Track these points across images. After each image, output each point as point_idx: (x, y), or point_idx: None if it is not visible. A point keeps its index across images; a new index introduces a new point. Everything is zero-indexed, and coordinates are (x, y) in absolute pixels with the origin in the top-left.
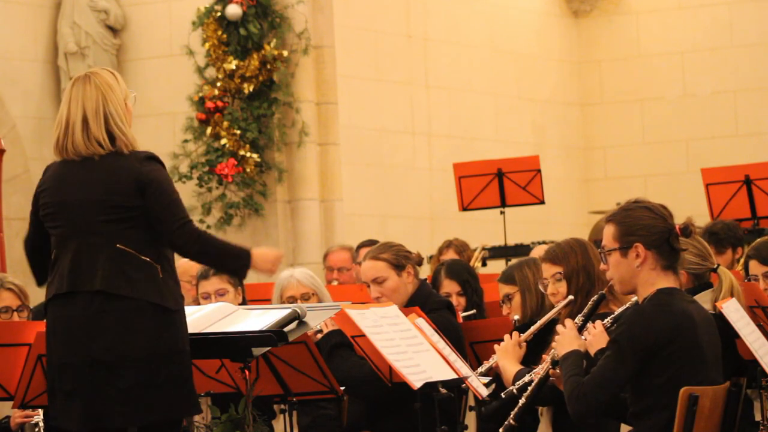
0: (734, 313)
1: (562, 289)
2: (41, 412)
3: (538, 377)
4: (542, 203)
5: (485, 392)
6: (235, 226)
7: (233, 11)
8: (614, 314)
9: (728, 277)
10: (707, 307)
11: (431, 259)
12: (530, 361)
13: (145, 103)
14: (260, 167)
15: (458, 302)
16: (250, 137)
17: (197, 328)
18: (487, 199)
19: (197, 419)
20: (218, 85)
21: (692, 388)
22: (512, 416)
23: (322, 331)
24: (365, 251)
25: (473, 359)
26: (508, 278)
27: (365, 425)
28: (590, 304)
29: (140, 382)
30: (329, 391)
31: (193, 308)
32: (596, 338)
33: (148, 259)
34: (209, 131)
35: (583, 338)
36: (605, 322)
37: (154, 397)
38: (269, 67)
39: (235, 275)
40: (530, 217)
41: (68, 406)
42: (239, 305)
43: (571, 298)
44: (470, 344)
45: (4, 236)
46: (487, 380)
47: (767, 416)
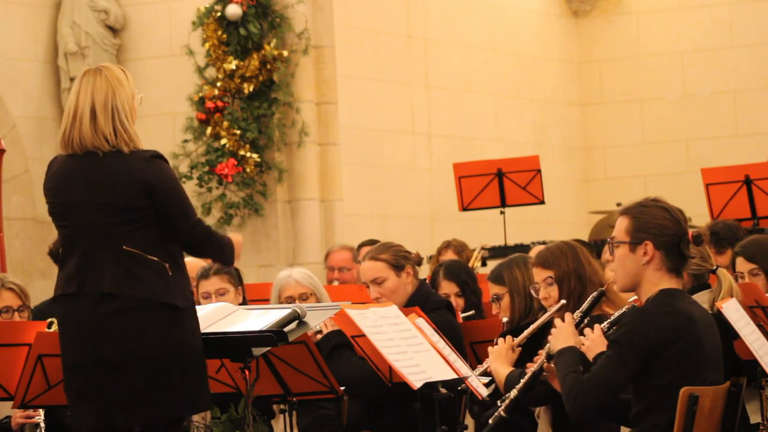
0: (734, 313)
1: (553, 293)
2: (42, 412)
3: (531, 370)
4: (542, 203)
5: (485, 392)
6: (235, 226)
7: (233, 11)
8: (611, 318)
9: (728, 278)
10: (704, 307)
11: (431, 259)
12: (523, 365)
13: (145, 103)
14: (260, 167)
15: (457, 303)
16: (250, 137)
17: None
18: (487, 199)
19: (197, 419)
20: (218, 85)
21: (692, 388)
22: (503, 408)
23: (321, 331)
24: (365, 251)
25: (473, 359)
26: (497, 278)
27: (365, 425)
28: (589, 300)
29: (150, 380)
30: (329, 391)
31: None
32: (594, 343)
33: (155, 258)
34: (209, 131)
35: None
36: (603, 326)
37: (164, 395)
38: (269, 67)
39: (230, 264)
40: (530, 217)
41: (79, 406)
42: (239, 305)
43: (563, 302)
44: (470, 344)
45: (4, 236)
46: (487, 380)
47: (767, 416)
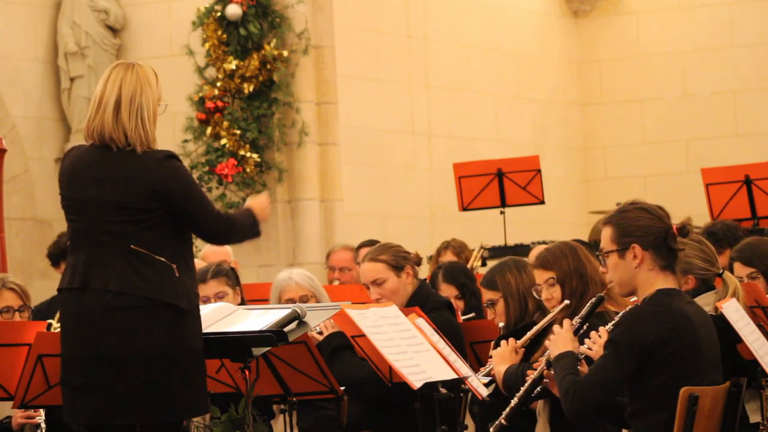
0: (734, 313)
1: (556, 293)
2: (43, 412)
3: (531, 377)
4: (542, 203)
5: (485, 392)
6: None
7: (233, 11)
8: (615, 320)
9: (733, 282)
10: (708, 309)
11: (430, 259)
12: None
13: None
14: (260, 167)
15: (457, 306)
16: (250, 137)
17: None
18: (487, 199)
19: (197, 419)
20: (218, 85)
21: (692, 388)
22: (504, 416)
23: (322, 333)
24: (365, 251)
25: (473, 359)
26: (489, 283)
27: (365, 425)
28: (588, 306)
29: (149, 380)
30: (329, 391)
31: None
32: (601, 347)
33: (163, 258)
34: (209, 131)
35: (585, 347)
36: (607, 328)
37: (162, 396)
38: (269, 67)
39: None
40: (530, 217)
41: (75, 400)
42: (238, 305)
43: (567, 302)
44: (470, 344)
45: (4, 236)
46: (487, 380)
47: (767, 416)
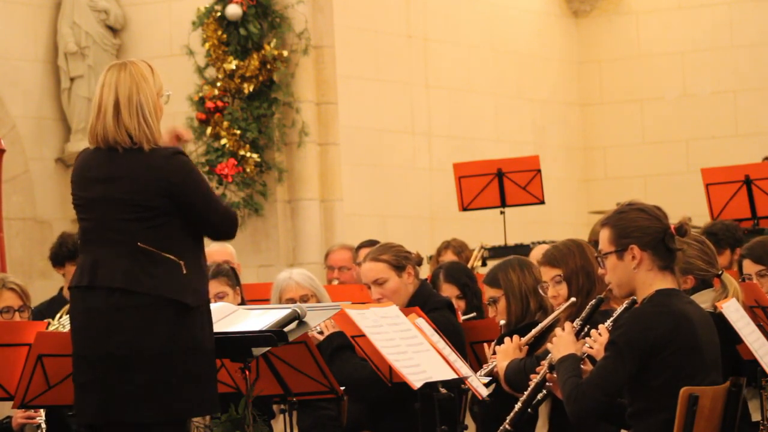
0: (734, 313)
1: (562, 291)
2: (43, 412)
3: (534, 381)
4: (542, 203)
5: (485, 392)
6: None
7: (233, 11)
8: (614, 317)
9: (733, 283)
10: (705, 307)
11: (430, 259)
12: None
13: None
14: (260, 167)
15: (458, 305)
16: (250, 137)
17: None
18: (487, 199)
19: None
20: (218, 85)
21: (692, 388)
22: (508, 421)
23: (322, 332)
24: (365, 252)
25: (473, 359)
26: (492, 281)
27: (365, 425)
28: (588, 308)
29: (155, 378)
30: (329, 391)
31: None
32: (602, 346)
33: (170, 256)
34: (209, 131)
35: (587, 346)
36: (606, 325)
37: (168, 394)
38: (269, 67)
39: None
40: (530, 217)
41: (82, 398)
42: (238, 305)
43: (573, 300)
44: (470, 344)
45: (4, 236)
46: (487, 380)
47: (767, 416)
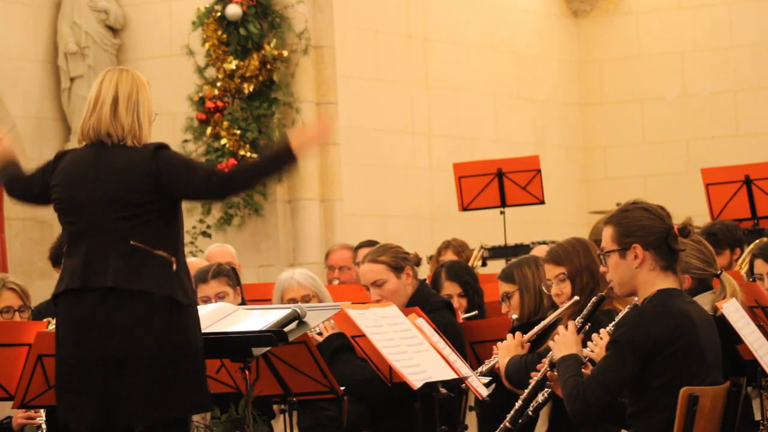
0: (734, 313)
1: (566, 289)
2: (43, 413)
3: (534, 380)
4: (542, 203)
5: (485, 392)
6: (235, 226)
7: (233, 11)
8: (615, 320)
9: (732, 284)
10: (706, 309)
11: (431, 259)
12: None
13: None
14: None
15: (459, 304)
16: (250, 137)
17: None
18: (487, 199)
19: (197, 419)
20: (218, 85)
21: (692, 388)
22: (509, 419)
23: (322, 334)
24: (364, 252)
25: (473, 359)
26: (507, 276)
27: (365, 425)
28: (590, 306)
29: (152, 378)
30: (329, 391)
31: None
32: (602, 349)
33: (162, 253)
34: (209, 131)
35: (587, 349)
36: (608, 329)
37: (166, 393)
38: (269, 67)
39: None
40: (530, 217)
41: (80, 404)
42: (238, 305)
43: (576, 298)
44: (470, 344)
45: (4, 236)
46: (487, 380)
47: (767, 416)
